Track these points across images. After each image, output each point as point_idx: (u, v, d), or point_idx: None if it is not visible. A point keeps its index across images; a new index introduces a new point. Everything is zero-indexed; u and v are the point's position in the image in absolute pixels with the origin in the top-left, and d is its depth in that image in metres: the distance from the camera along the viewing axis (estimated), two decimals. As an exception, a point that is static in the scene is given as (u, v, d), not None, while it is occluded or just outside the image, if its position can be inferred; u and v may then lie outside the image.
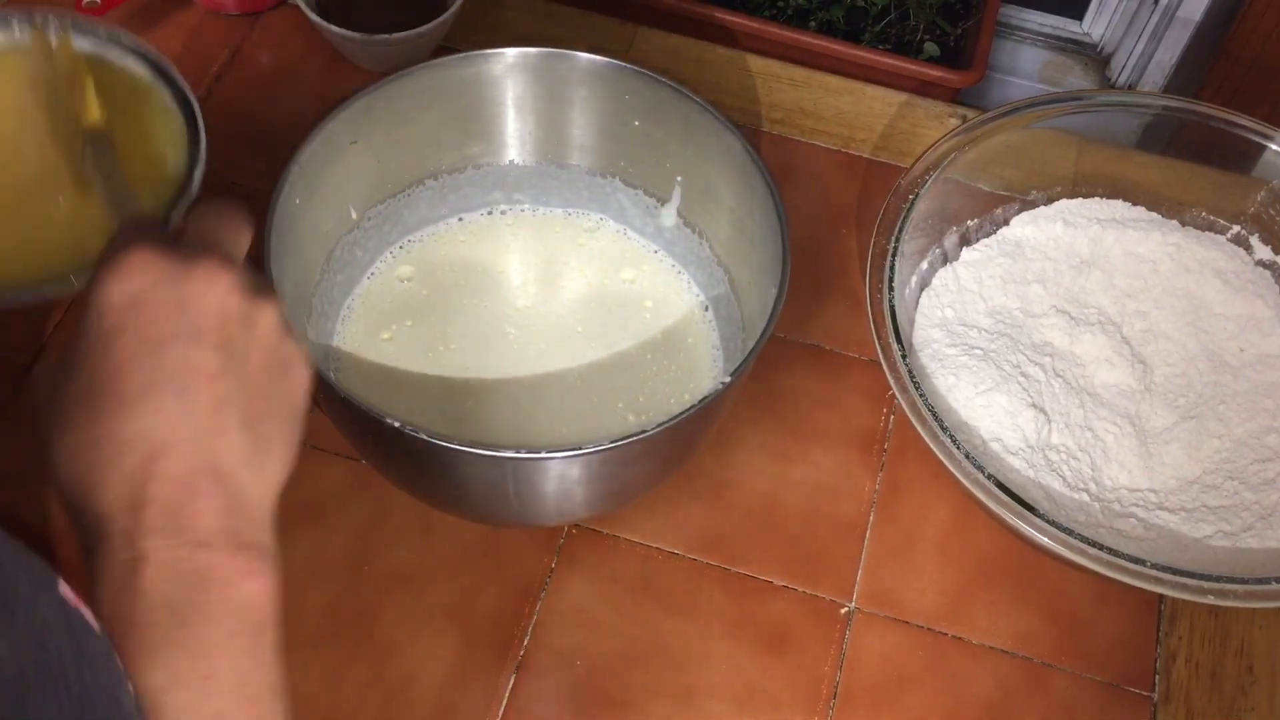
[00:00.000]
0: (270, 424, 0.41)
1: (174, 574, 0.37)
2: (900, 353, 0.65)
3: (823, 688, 0.64)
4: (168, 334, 0.38)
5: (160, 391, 0.37)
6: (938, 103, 0.86)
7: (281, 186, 0.62)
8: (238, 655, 0.37)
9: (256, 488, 0.40)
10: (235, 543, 0.38)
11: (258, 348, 0.40)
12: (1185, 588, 0.59)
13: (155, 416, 0.37)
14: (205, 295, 0.39)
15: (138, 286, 0.38)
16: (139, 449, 0.37)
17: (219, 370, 0.38)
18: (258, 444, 0.40)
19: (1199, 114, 0.76)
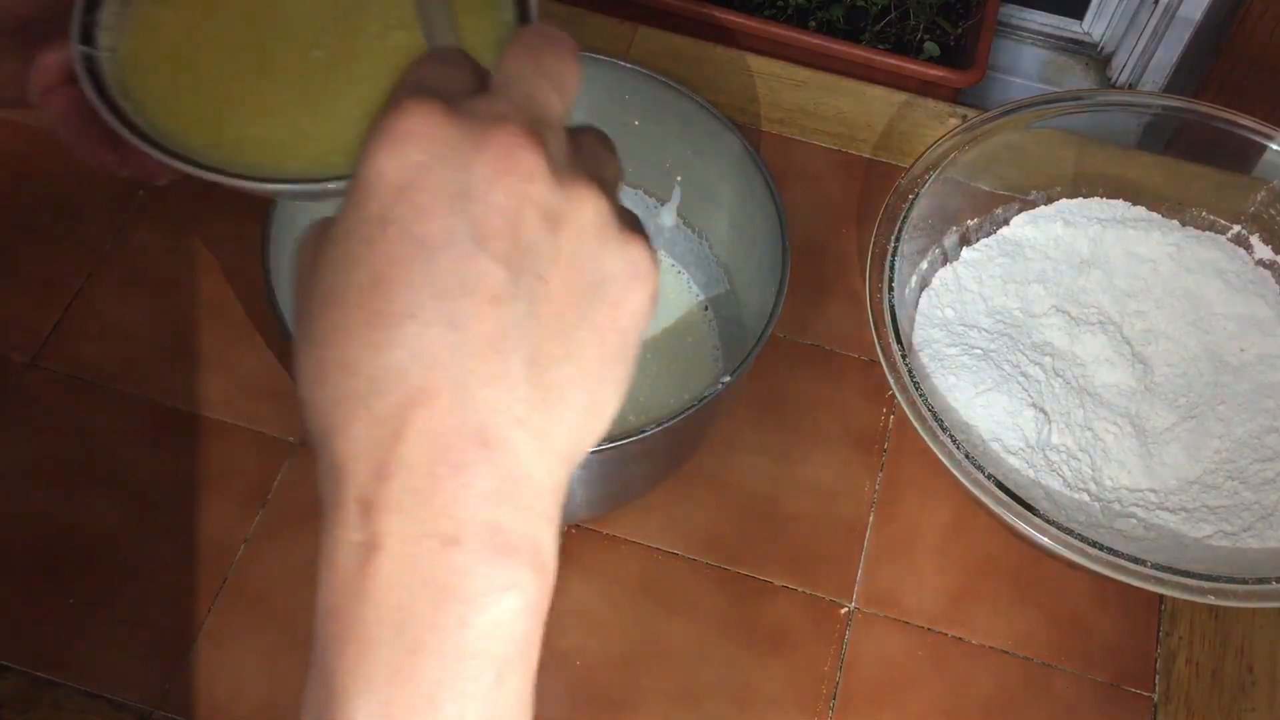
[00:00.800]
0: (569, 371, 0.29)
1: (411, 577, 0.27)
2: (900, 353, 0.65)
3: (823, 688, 0.63)
4: (442, 235, 0.27)
5: (425, 316, 0.27)
6: (938, 102, 0.86)
7: (281, 186, 0.62)
8: (472, 702, 0.28)
9: (539, 462, 0.29)
10: (495, 542, 0.28)
11: (565, 260, 0.29)
12: (1185, 588, 0.59)
13: (414, 350, 0.27)
14: (497, 182, 0.28)
15: (413, 163, 0.28)
16: (392, 392, 0.27)
17: (503, 291, 0.28)
18: (547, 399, 0.28)
19: (1199, 114, 0.75)
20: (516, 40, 0.31)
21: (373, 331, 0.27)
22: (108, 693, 0.61)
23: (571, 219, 0.29)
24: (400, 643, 0.27)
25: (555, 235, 0.29)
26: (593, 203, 0.29)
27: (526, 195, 0.28)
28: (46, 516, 0.66)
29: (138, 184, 0.77)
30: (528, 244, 0.28)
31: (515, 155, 0.28)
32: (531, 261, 0.28)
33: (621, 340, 0.30)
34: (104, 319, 0.72)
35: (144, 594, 0.64)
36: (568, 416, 0.29)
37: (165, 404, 0.70)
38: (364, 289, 0.28)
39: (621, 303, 0.30)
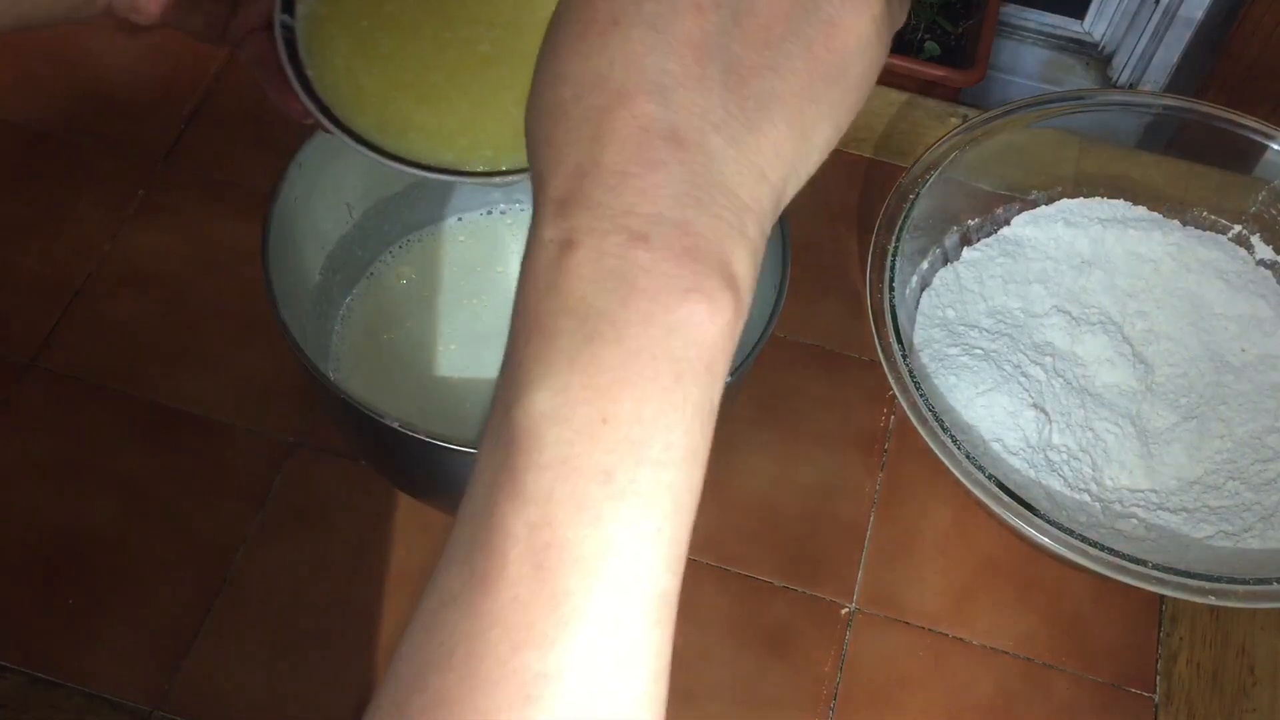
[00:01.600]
0: (773, 84, 0.28)
1: (598, 270, 0.27)
2: (901, 353, 0.65)
3: (823, 688, 0.63)
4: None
5: (626, 22, 0.27)
6: (939, 102, 0.86)
7: (281, 186, 0.62)
8: (649, 402, 0.27)
9: (736, 171, 0.28)
10: (683, 244, 0.27)
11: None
12: (1186, 588, 0.59)
13: (616, 54, 0.27)
14: None
15: None
16: (594, 95, 0.28)
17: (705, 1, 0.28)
18: (745, 108, 0.28)
19: (1200, 113, 0.75)
20: None
21: (581, 41, 0.28)
22: (107, 693, 0.61)
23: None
24: (581, 331, 0.27)
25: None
26: None
27: None
28: (46, 516, 0.66)
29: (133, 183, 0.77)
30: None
31: None
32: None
33: (836, 60, 0.29)
34: (104, 319, 0.72)
35: (144, 594, 0.64)
36: (770, 131, 0.28)
37: (165, 404, 0.70)
38: (578, 6, 0.28)
39: (836, 20, 0.29)
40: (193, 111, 0.81)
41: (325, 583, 0.65)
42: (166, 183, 0.78)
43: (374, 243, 0.71)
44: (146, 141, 0.79)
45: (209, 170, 0.79)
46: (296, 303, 0.65)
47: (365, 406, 0.55)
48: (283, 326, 0.58)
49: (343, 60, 0.51)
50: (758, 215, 0.29)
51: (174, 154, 0.79)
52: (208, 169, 0.79)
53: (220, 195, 0.78)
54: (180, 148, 0.79)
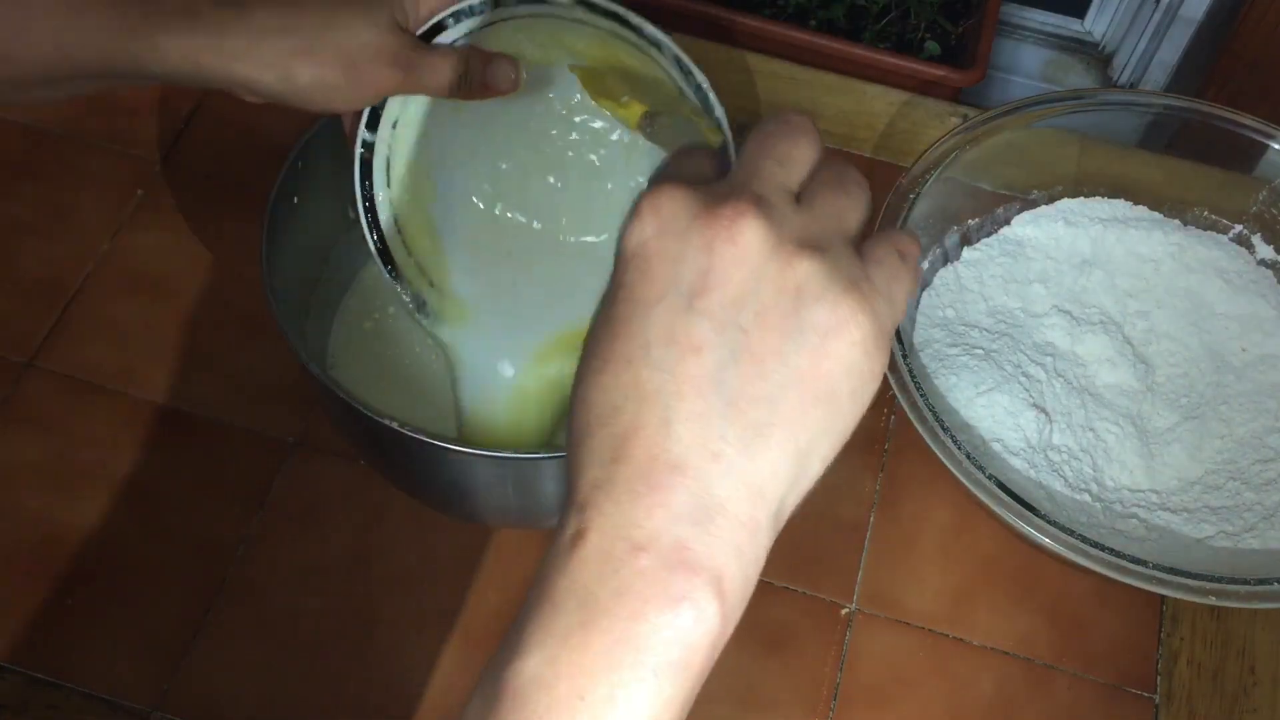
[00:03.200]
0: (769, 413, 0.32)
1: (602, 567, 0.31)
2: (901, 352, 0.65)
3: (823, 688, 0.63)
4: (658, 294, 0.33)
5: (638, 363, 0.32)
6: (939, 102, 0.86)
7: (281, 186, 0.62)
8: (624, 690, 0.31)
9: (734, 495, 0.32)
10: (679, 558, 0.31)
11: (769, 315, 0.32)
12: (1187, 589, 0.59)
13: (629, 390, 0.32)
14: (710, 249, 0.32)
15: (647, 235, 0.33)
16: (612, 424, 0.32)
17: (706, 341, 0.32)
18: (745, 437, 0.32)
19: (1201, 113, 0.75)
20: (756, 127, 0.37)
21: (601, 375, 0.33)
22: (106, 693, 0.61)
23: (780, 282, 0.33)
24: (579, 613, 0.31)
25: (760, 293, 0.33)
26: (804, 267, 0.33)
27: (737, 261, 0.33)
28: (46, 516, 0.66)
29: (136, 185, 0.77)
30: (733, 300, 0.32)
31: (733, 226, 0.33)
32: (734, 315, 0.32)
33: (827, 384, 0.33)
34: (104, 319, 0.72)
35: (144, 594, 0.64)
36: (767, 454, 0.33)
37: (165, 404, 0.70)
38: (600, 340, 0.34)
39: (823, 350, 0.33)
40: (193, 111, 0.81)
41: (325, 583, 0.65)
42: (166, 183, 0.78)
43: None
44: (146, 141, 0.79)
45: (209, 170, 0.79)
46: (296, 302, 0.65)
47: (365, 406, 0.55)
48: (283, 326, 0.58)
49: (402, 193, 0.60)
50: (753, 531, 0.33)
51: (174, 154, 0.79)
52: (208, 169, 0.79)
53: (220, 195, 0.78)
54: (180, 148, 0.79)
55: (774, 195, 0.35)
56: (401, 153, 0.59)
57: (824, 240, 0.34)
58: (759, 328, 0.33)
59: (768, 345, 0.33)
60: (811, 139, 0.38)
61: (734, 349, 0.32)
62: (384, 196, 0.60)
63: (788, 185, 0.36)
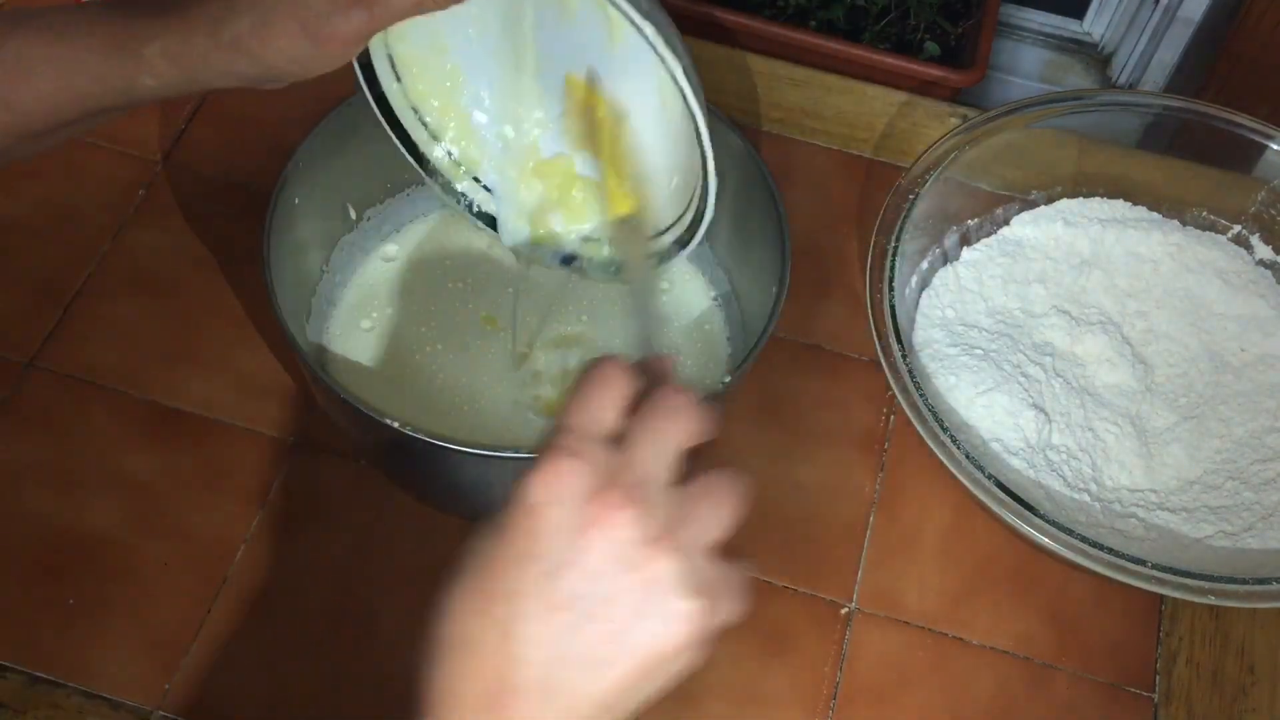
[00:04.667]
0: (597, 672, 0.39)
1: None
2: (900, 353, 0.65)
3: (823, 688, 0.63)
4: (536, 555, 0.38)
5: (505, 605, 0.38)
6: (938, 102, 0.86)
7: (281, 186, 0.62)
8: None
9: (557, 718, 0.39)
10: None
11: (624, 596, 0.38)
12: (1186, 588, 0.59)
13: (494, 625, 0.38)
14: (589, 530, 0.38)
15: (542, 497, 0.38)
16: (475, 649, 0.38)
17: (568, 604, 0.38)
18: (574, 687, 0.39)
19: (1200, 114, 0.75)
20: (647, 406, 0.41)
21: (472, 604, 0.39)
22: (107, 692, 0.61)
23: (640, 570, 0.38)
24: None
25: (621, 578, 0.38)
26: (661, 564, 0.38)
27: (609, 544, 0.38)
28: (46, 516, 0.66)
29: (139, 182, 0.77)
30: (598, 579, 0.38)
31: (611, 514, 0.38)
32: (593, 590, 0.38)
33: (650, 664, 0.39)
34: (104, 319, 0.72)
35: (144, 594, 0.64)
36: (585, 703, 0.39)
37: (165, 404, 0.70)
38: (480, 573, 0.39)
39: (662, 636, 0.39)
40: (193, 111, 0.81)
41: (325, 583, 0.65)
42: (167, 183, 0.78)
43: (373, 243, 0.71)
44: (147, 141, 0.79)
45: (209, 170, 0.79)
46: (296, 303, 0.65)
47: (365, 406, 0.55)
48: (283, 326, 0.58)
49: None
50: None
51: (175, 154, 0.79)
52: (208, 169, 0.79)
53: (220, 195, 0.78)
54: (181, 148, 0.79)
55: (652, 488, 0.39)
56: (401, 43, 0.58)
57: (688, 541, 0.39)
58: (611, 604, 0.38)
59: (615, 620, 0.38)
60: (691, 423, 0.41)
61: (588, 616, 0.38)
62: (397, 89, 0.59)
63: (664, 476, 0.40)
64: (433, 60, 0.59)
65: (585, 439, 0.40)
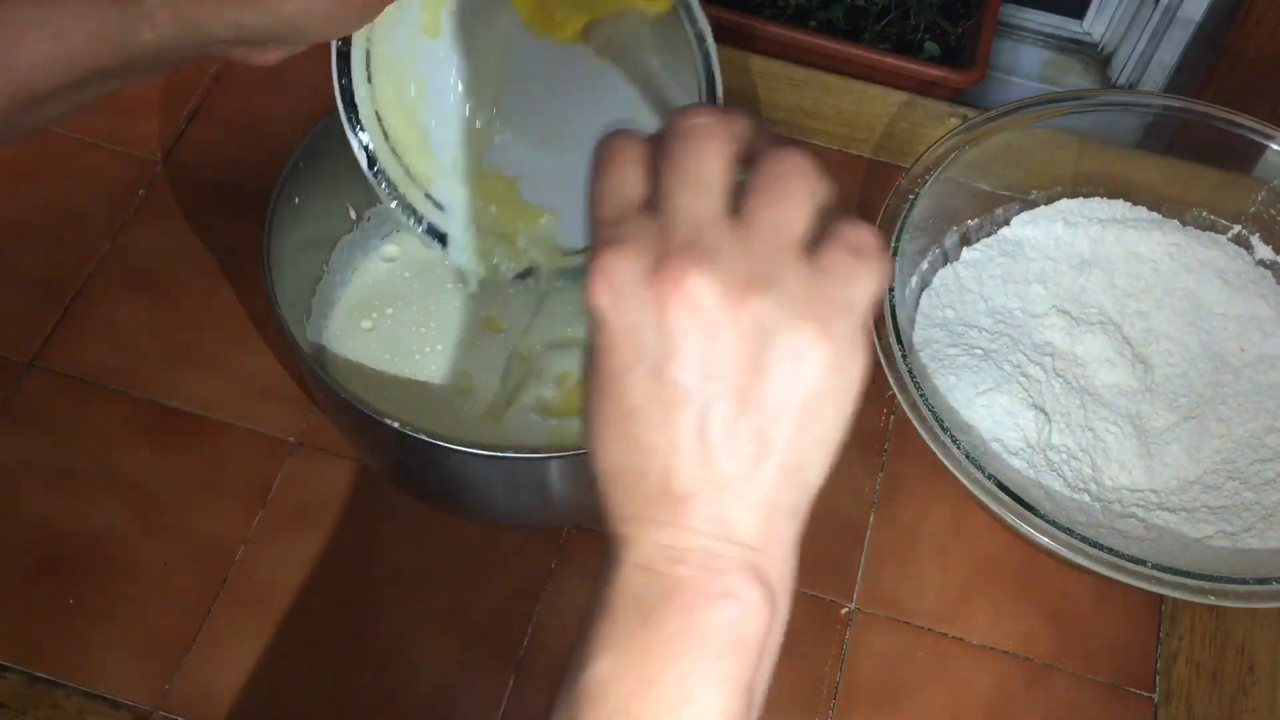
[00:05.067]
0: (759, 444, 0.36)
1: (649, 576, 0.36)
2: (900, 352, 0.65)
3: (823, 688, 0.63)
4: (629, 364, 0.35)
5: (628, 423, 0.36)
6: (938, 102, 0.86)
7: (281, 186, 0.62)
8: (689, 672, 0.36)
9: (744, 513, 0.36)
10: (712, 564, 0.36)
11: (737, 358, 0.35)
12: (1186, 588, 0.59)
13: (630, 444, 0.36)
14: (664, 311, 0.35)
15: (605, 304, 0.35)
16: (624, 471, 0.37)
17: (687, 396, 0.35)
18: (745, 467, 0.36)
19: (1200, 114, 0.75)
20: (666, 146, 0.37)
21: (603, 432, 0.37)
22: (107, 693, 0.61)
23: (737, 326, 0.35)
24: (637, 615, 0.36)
25: (722, 342, 0.35)
26: (754, 308, 0.35)
27: (693, 317, 0.35)
28: (46, 516, 0.66)
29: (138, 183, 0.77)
30: (698, 355, 0.35)
31: (680, 288, 0.35)
32: (704, 367, 0.35)
33: (805, 409, 0.36)
34: (104, 319, 0.72)
35: (144, 594, 0.64)
36: (767, 478, 0.36)
37: (165, 404, 0.70)
38: (596, 403, 0.37)
39: (794, 378, 0.36)
40: (193, 111, 0.81)
41: (325, 583, 0.65)
42: (167, 182, 0.78)
43: (373, 242, 0.71)
44: (147, 141, 0.79)
45: (209, 170, 0.79)
46: (296, 303, 0.65)
47: (365, 406, 0.55)
48: (283, 326, 0.58)
49: None
50: (771, 532, 0.37)
51: (175, 154, 0.79)
52: (208, 169, 0.79)
53: (220, 195, 0.78)
54: (181, 147, 0.79)
55: (708, 232, 0.35)
56: (382, 44, 0.57)
57: (771, 267, 0.35)
58: (730, 372, 0.35)
59: (741, 386, 0.35)
60: (716, 143, 0.37)
61: (712, 396, 0.35)
62: (365, 93, 0.58)
63: (716, 210, 0.36)
64: (406, 68, 0.59)
65: (619, 221, 0.36)
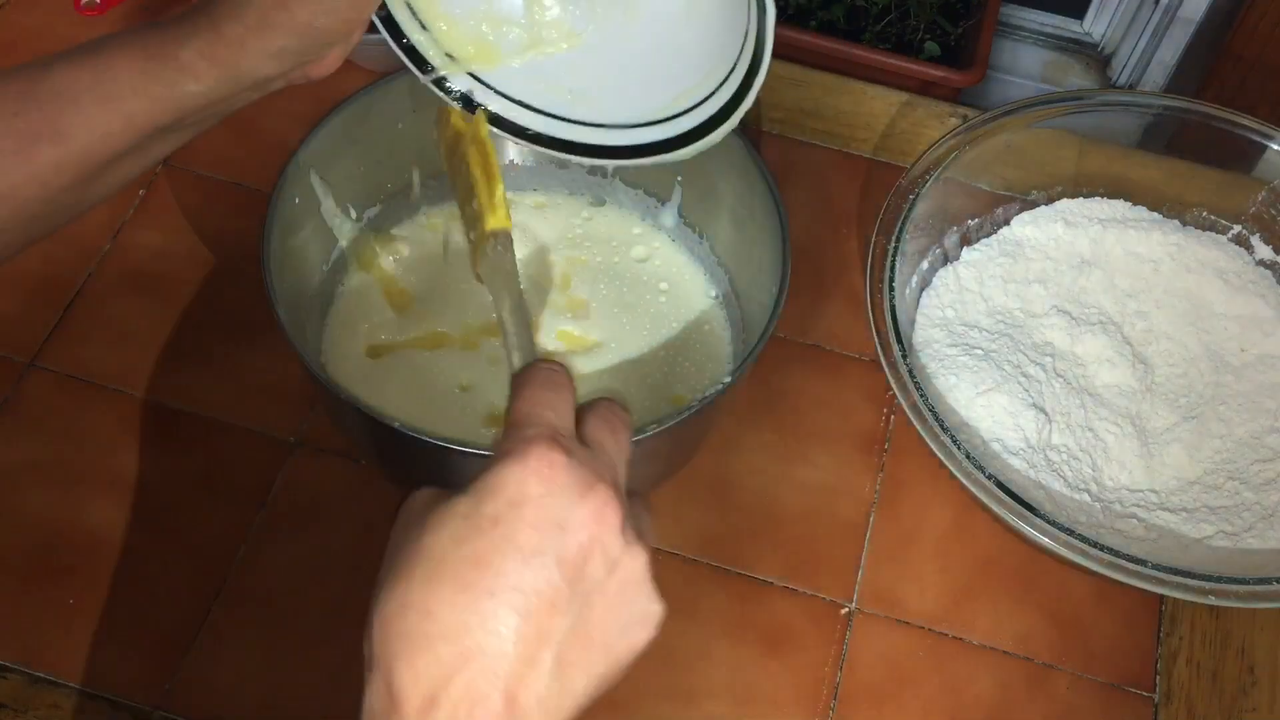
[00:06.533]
0: (581, 673, 0.39)
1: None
2: (900, 353, 0.65)
3: (823, 688, 0.63)
4: (534, 548, 0.37)
5: (499, 599, 0.37)
6: (938, 102, 0.86)
7: (281, 186, 0.62)
8: None
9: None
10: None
11: (607, 596, 0.39)
12: (1186, 588, 0.59)
13: (484, 619, 0.37)
14: (586, 526, 0.38)
15: (532, 491, 0.38)
16: (457, 643, 0.37)
17: (561, 602, 0.38)
18: (562, 686, 0.38)
19: (1200, 114, 0.75)
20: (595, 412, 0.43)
21: (458, 595, 0.37)
22: (107, 693, 0.61)
23: (624, 569, 0.39)
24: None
25: (609, 575, 0.39)
26: (641, 562, 0.40)
27: (602, 541, 0.38)
28: (46, 516, 0.66)
29: (138, 184, 0.77)
30: (590, 577, 0.38)
31: (604, 510, 0.38)
32: (587, 589, 0.38)
33: (620, 664, 0.40)
34: (105, 319, 0.72)
35: (144, 594, 0.64)
36: (568, 703, 0.39)
37: (165, 404, 0.70)
38: (464, 562, 0.37)
39: (632, 635, 0.40)
40: (193, 111, 0.81)
41: (325, 583, 0.65)
42: (168, 182, 0.78)
43: (373, 242, 0.71)
44: (146, 141, 0.79)
45: (209, 170, 0.79)
46: (296, 303, 0.65)
47: (365, 406, 0.55)
48: (283, 326, 0.58)
49: None
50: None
51: (175, 154, 0.79)
52: (207, 169, 0.79)
53: (220, 195, 0.78)
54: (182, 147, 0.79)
55: (620, 479, 0.41)
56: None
57: (641, 530, 0.40)
58: (597, 603, 0.39)
59: (597, 620, 0.39)
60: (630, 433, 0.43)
61: (577, 617, 0.38)
62: (421, 38, 0.58)
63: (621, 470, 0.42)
64: None
65: (562, 435, 0.40)
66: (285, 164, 0.62)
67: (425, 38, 0.58)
